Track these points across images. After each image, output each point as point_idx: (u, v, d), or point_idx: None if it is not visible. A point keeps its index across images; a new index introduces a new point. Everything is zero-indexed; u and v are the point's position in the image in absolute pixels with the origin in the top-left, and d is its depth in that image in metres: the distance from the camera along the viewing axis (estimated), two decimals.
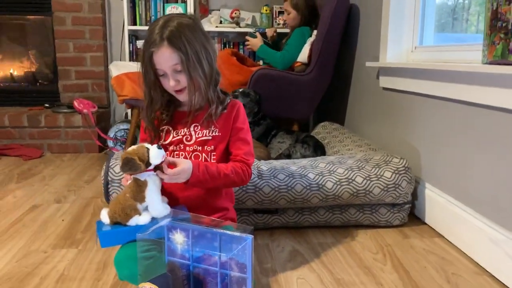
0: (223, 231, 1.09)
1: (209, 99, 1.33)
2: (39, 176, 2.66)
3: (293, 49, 2.71)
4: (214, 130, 1.36)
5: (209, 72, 1.30)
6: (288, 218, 1.82)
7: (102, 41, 3.52)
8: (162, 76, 1.30)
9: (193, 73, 1.26)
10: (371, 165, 1.84)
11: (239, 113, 1.40)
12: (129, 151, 1.20)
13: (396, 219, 1.86)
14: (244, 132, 1.40)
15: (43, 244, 1.70)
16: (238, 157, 1.36)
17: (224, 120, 1.37)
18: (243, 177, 1.35)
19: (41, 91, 3.69)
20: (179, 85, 1.29)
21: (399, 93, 2.19)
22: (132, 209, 1.20)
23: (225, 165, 1.33)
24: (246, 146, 1.39)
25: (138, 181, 1.21)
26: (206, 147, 1.36)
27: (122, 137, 3.21)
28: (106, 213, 1.23)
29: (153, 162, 1.21)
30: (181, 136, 1.37)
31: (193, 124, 1.36)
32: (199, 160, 1.31)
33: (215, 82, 1.35)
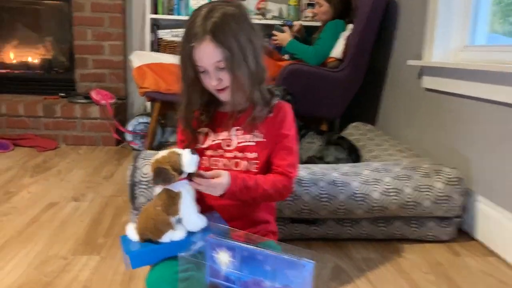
0: (279, 254, 0.94)
1: (253, 100, 1.18)
2: (55, 170, 2.53)
3: (327, 43, 2.54)
4: (257, 135, 1.21)
5: (255, 70, 1.15)
6: (327, 229, 1.67)
7: (122, 29, 3.37)
8: (202, 73, 1.15)
9: (237, 72, 1.11)
10: (420, 175, 1.68)
11: (286, 117, 1.23)
12: (160, 159, 1.05)
13: (445, 234, 1.71)
14: (290, 140, 1.23)
15: (62, 248, 1.57)
16: (280, 168, 1.21)
17: (269, 124, 1.21)
18: (283, 193, 1.21)
19: (56, 80, 3.55)
20: (221, 83, 1.14)
21: (446, 95, 2.03)
22: (165, 224, 1.05)
23: (264, 178, 1.17)
24: (290, 157, 1.22)
25: (171, 192, 1.06)
26: (248, 154, 1.20)
27: (142, 131, 3.07)
28: (133, 229, 1.09)
29: (187, 170, 1.07)
30: (221, 140, 1.22)
31: (235, 127, 1.21)
32: (237, 171, 1.16)
33: (261, 80, 1.20)
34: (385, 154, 2.06)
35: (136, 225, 1.08)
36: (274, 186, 1.17)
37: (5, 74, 3.54)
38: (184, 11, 3.20)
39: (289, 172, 1.21)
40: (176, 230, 1.07)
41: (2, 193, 2.11)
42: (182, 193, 1.07)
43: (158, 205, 1.06)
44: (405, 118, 2.44)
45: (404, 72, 2.45)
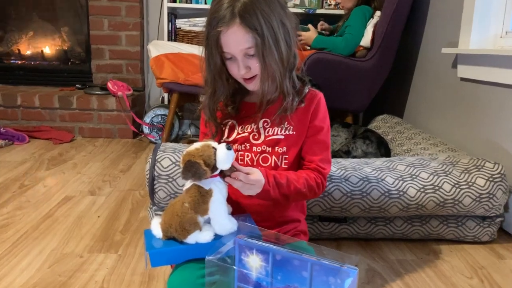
0: (318, 260, 0.84)
1: (284, 89, 1.07)
2: (71, 162, 2.46)
3: (357, 31, 2.40)
4: (288, 127, 1.10)
5: (287, 56, 1.04)
6: (358, 228, 1.56)
7: (139, 19, 3.27)
8: (229, 60, 1.04)
9: (267, 59, 1.00)
10: (459, 170, 1.55)
11: (319, 108, 1.12)
12: (192, 152, 0.94)
13: (486, 235, 1.58)
14: (324, 133, 1.12)
15: (78, 245, 1.49)
16: (313, 164, 1.10)
17: (301, 115, 1.10)
18: (316, 191, 1.10)
19: (72, 71, 3.48)
20: (250, 72, 1.03)
21: (483, 84, 1.89)
22: (192, 223, 0.95)
23: (296, 176, 1.07)
24: (324, 152, 1.12)
25: (201, 189, 0.96)
26: (277, 148, 1.09)
27: (159, 123, 2.99)
28: (158, 224, 0.99)
29: (221, 167, 0.96)
30: (248, 133, 1.11)
31: (263, 119, 1.10)
32: (266, 169, 1.05)
33: (292, 67, 1.09)
34: (418, 148, 1.93)
35: (161, 220, 0.99)
36: (306, 184, 1.07)
37: (21, 65, 3.48)
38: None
39: (322, 168, 1.10)
40: (203, 231, 0.97)
41: (17, 186, 2.04)
42: (214, 191, 0.97)
43: (186, 201, 0.96)
44: (437, 110, 2.30)
45: (436, 61, 2.31)
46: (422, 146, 1.94)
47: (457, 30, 2.05)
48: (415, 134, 2.14)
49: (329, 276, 0.83)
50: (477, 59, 1.91)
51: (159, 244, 0.96)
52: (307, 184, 1.07)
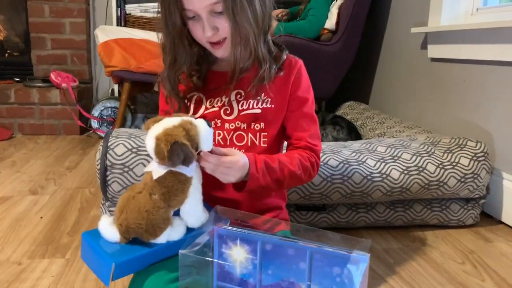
0: (319, 247, 0.68)
1: (259, 55, 0.90)
2: (8, 161, 2.18)
3: (320, 13, 2.28)
4: (265, 99, 0.93)
5: (261, 15, 0.87)
6: (339, 216, 1.42)
7: (84, 4, 3.00)
8: (191, 20, 0.86)
9: (239, 17, 0.83)
10: (442, 150, 1.45)
11: (301, 76, 0.97)
12: (173, 130, 0.73)
13: (470, 218, 1.49)
14: (309, 106, 0.97)
15: (16, 251, 1.26)
16: (302, 142, 0.95)
17: (280, 86, 0.94)
18: (311, 172, 0.94)
19: (10, 63, 3.15)
20: (218, 34, 0.86)
21: (456, 63, 1.81)
22: (165, 219, 0.76)
23: (288, 157, 0.90)
24: (312, 126, 0.97)
25: (181, 176, 0.76)
26: (254, 124, 0.93)
27: (109, 116, 2.74)
28: (110, 225, 0.77)
29: (204, 148, 0.78)
30: (218, 107, 0.94)
31: (235, 91, 0.93)
32: (253, 153, 0.87)
33: (267, 29, 0.92)
34: (392, 132, 1.83)
35: (114, 219, 0.78)
36: (301, 165, 0.91)
37: None
38: None
39: (313, 145, 0.95)
40: (174, 226, 0.78)
41: None
42: (194, 178, 0.78)
43: (155, 192, 0.75)
44: (406, 93, 2.22)
45: (404, 43, 2.23)
46: (396, 129, 1.85)
47: (426, 9, 1.97)
48: (385, 118, 2.04)
49: (333, 266, 0.68)
50: (448, 37, 1.83)
51: (114, 249, 0.75)
52: (302, 165, 0.91)
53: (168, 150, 0.71)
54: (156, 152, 0.73)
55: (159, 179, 0.75)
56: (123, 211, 0.75)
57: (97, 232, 0.77)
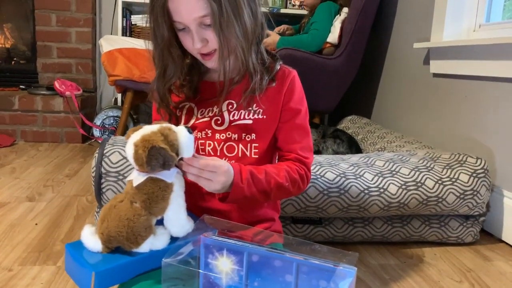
0: (306, 259, 0.66)
1: (249, 67, 0.89)
2: (8, 167, 2.18)
3: (323, 27, 2.29)
4: (257, 111, 0.92)
5: (252, 28, 0.86)
6: (335, 230, 1.40)
7: (91, 14, 3.03)
8: (182, 31, 0.86)
9: (227, 31, 0.82)
10: (441, 166, 1.43)
11: (294, 87, 0.94)
12: (150, 136, 0.72)
13: (469, 235, 1.46)
14: (302, 117, 0.95)
15: (7, 257, 1.25)
16: (293, 154, 0.93)
17: (272, 97, 0.92)
18: (300, 185, 0.92)
19: (16, 70, 3.18)
20: (208, 46, 0.85)
21: (458, 79, 1.80)
22: (147, 227, 0.75)
23: (276, 169, 0.89)
24: (304, 138, 0.95)
25: (161, 183, 0.75)
26: (246, 135, 0.92)
27: (111, 125, 2.75)
28: (93, 235, 0.76)
29: (184, 155, 0.77)
30: (209, 117, 0.93)
31: (227, 101, 0.92)
32: (239, 164, 0.86)
33: (258, 39, 0.91)
34: (392, 146, 1.82)
35: (96, 228, 0.77)
36: (289, 177, 0.89)
37: None
38: None
39: (304, 157, 0.93)
40: (157, 235, 0.77)
41: None
42: (175, 185, 0.77)
43: (137, 200, 0.74)
44: (408, 109, 2.21)
45: (407, 58, 2.23)
46: (396, 144, 1.83)
47: (429, 25, 1.97)
48: (386, 133, 2.03)
49: (320, 279, 0.66)
50: (451, 52, 1.83)
51: (97, 259, 0.73)
52: (290, 177, 0.89)
53: (146, 155, 0.70)
54: (135, 159, 0.72)
55: (139, 186, 0.74)
56: (104, 220, 0.74)
57: (81, 243, 0.76)
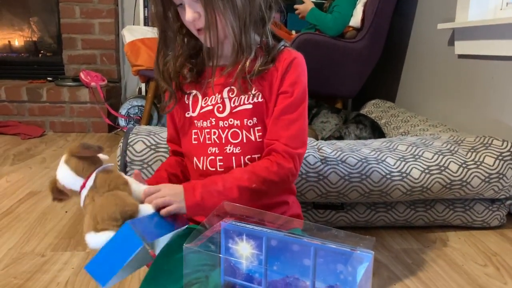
0: (324, 243, 0.67)
1: (243, 48, 0.86)
2: (39, 157, 2.25)
3: (345, 10, 2.25)
4: (256, 94, 0.89)
5: (244, 6, 0.83)
6: (357, 215, 1.40)
7: (113, 5, 3.07)
8: (179, 7, 0.86)
9: (214, 4, 0.80)
10: (465, 149, 1.41)
11: (291, 70, 0.88)
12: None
13: (495, 219, 1.44)
14: (296, 103, 0.88)
15: (40, 243, 1.30)
16: (276, 144, 0.87)
17: (270, 79, 0.89)
18: (276, 180, 0.86)
19: (43, 63, 3.26)
20: (200, 20, 0.84)
21: (485, 60, 1.76)
22: (131, 198, 0.78)
23: (240, 172, 0.86)
24: (292, 126, 0.87)
25: (101, 173, 0.79)
26: (247, 120, 0.89)
27: (136, 114, 2.80)
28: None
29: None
30: (212, 105, 0.91)
31: (228, 88, 0.90)
32: (195, 181, 0.86)
33: (260, 21, 0.88)
34: (416, 130, 1.79)
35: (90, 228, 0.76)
36: (255, 178, 0.85)
37: None
38: None
39: (289, 149, 0.87)
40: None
41: None
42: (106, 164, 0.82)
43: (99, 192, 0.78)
44: (433, 91, 2.17)
45: (431, 40, 2.18)
46: (420, 127, 1.80)
47: (453, 5, 1.92)
48: (411, 117, 2.00)
49: (337, 263, 0.67)
50: (476, 32, 1.78)
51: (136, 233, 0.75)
52: (257, 177, 0.85)
53: (80, 147, 0.77)
54: (74, 166, 0.79)
55: (92, 189, 0.78)
56: (94, 218, 0.74)
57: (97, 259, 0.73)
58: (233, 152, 0.90)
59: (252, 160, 0.90)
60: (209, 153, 0.91)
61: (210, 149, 0.91)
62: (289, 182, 0.90)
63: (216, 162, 0.90)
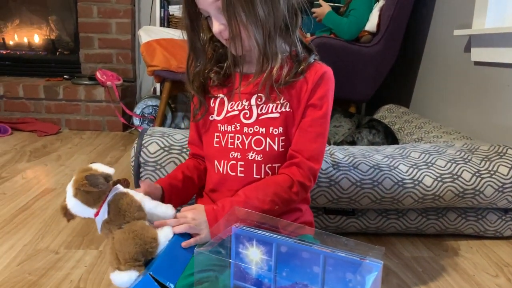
0: (333, 252, 0.68)
1: (267, 56, 0.87)
2: (54, 155, 2.29)
3: (361, 15, 2.25)
4: (284, 103, 0.91)
5: (266, 16, 0.84)
6: (368, 222, 1.40)
7: (130, 5, 3.11)
8: (209, 18, 0.89)
9: (237, 14, 0.82)
10: (479, 158, 1.40)
11: (322, 83, 0.90)
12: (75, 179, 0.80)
13: (508, 229, 1.43)
14: (324, 117, 0.91)
15: (54, 241, 1.33)
16: (300, 157, 0.90)
17: (299, 90, 0.91)
18: (294, 199, 0.91)
19: (60, 61, 3.31)
20: (226, 31, 0.86)
21: (501, 67, 1.74)
22: (146, 228, 0.80)
23: (263, 192, 0.88)
24: (316, 142, 0.90)
25: (115, 197, 0.81)
26: (273, 129, 0.91)
27: (150, 114, 2.83)
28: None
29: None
30: (238, 111, 0.93)
31: (256, 95, 0.92)
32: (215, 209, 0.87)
33: (286, 29, 0.89)
34: (429, 137, 1.78)
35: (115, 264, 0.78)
36: (278, 199, 0.88)
37: (6, 56, 3.30)
38: None
39: (311, 165, 0.90)
40: (159, 229, 0.83)
41: None
42: (120, 188, 0.84)
43: (116, 225, 0.80)
44: (448, 98, 2.15)
45: (447, 46, 2.16)
46: (434, 134, 1.79)
47: (470, 11, 1.90)
48: (424, 123, 1.99)
49: (346, 272, 0.68)
50: (493, 40, 1.76)
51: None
52: (279, 198, 0.88)
53: (87, 183, 0.76)
54: (83, 197, 0.79)
55: (107, 221, 0.80)
56: (116, 258, 0.77)
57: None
58: (255, 159, 0.91)
59: (272, 169, 0.92)
60: (231, 158, 0.92)
61: (232, 153, 0.92)
62: (305, 196, 0.94)
63: (237, 167, 0.92)
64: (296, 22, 0.92)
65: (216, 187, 0.96)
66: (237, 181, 0.93)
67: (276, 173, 0.93)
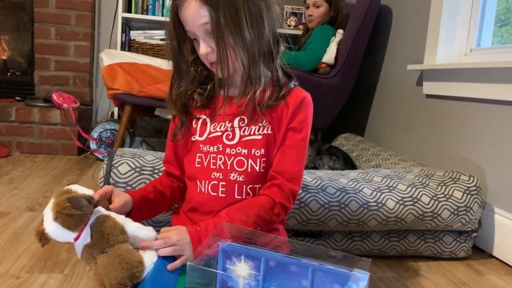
0: (321, 264, 0.71)
1: (251, 79, 0.91)
2: (6, 178, 2.18)
3: (318, 47, 2.37)
4: (266, 126, 0.94)
5: (253, 40, 0.89)
6: (334, 243, 1.45)
7: (90, 29, 3.08)
8: (195, 41, 0.92)
9: (225, 39, 0.87)
10: (436, 183, 1.50)
11: (301, 109, 0.96)
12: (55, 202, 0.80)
13: (462, 250, 1.52)
14: (303, 140, 0.96)
15: (14, 265, 1.26)
16: (281, 179, 0.93)
17: (280, 114, 0.95)
18: (275, 220, 0.95)
19: (12, 82, 3.19)
20: (213, 54, 0.90)
21: (450, 100, 1.88)
22: (131, 252, 0.80)
23: (246, 214, 0.90)
24: (296, 165, 0.95)
25: (97, 220, 0.81)
26: (254, 150, 0.94)
27: (108, 138, 2.77)
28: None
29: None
30: (221, 132, 0.96)
31: (239, 117, 0.95)
32: (198, 226, 0.89)
33: (268, 55, 0.94)
34: (387, 164, 1.88)
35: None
36: (260, 220, 0.91)
37: None
38: (159, 11, 2.97)
39: (291, 187, 0.94)
40: (145, 253, 0.82)
41: None
42: (109, 214, 0.83)
43: (99, 249, 0.79)
44: (401, 128, 2.29)
45: (400, 79, 2.31)
46: (391, 161, 1.89)
47: (422, 48, 2.06)
48: (381, 151, 2.09)
49: (334, 284, 0.70)
50: (443, 75, 1.91)
51: None
52: (261, 219, 0.91)
53: (70, 205, 0.75)
54: (64, 221, 0.78)
55: (89, 245, 0.79)
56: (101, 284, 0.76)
57: None
58: (237, 179, 0.93)
59: (253, 190, 0.94)
60: (212, 178, 0.94)
61: (214, 174, 0.94)
62: (284, 218, 0.98)
63: (218, 187, 0.93)
64: (278, 49, 0.97)
65: (197, 206, 0.97)
66: (218, 201, 0.94)
67: (257, 193, 0.96)
